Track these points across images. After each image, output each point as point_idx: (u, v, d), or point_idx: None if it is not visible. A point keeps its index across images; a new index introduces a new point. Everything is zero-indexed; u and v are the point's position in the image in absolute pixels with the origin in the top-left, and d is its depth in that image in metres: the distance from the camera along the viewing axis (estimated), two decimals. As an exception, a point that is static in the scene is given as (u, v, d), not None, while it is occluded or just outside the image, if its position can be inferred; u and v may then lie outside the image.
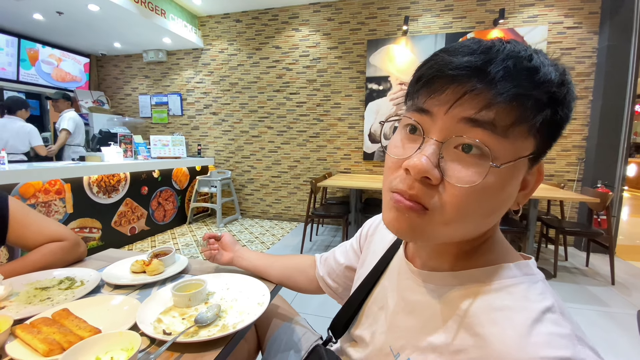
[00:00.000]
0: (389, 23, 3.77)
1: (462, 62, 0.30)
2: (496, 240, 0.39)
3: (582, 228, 2.64)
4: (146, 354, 0.56)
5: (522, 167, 0.33)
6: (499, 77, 0.29)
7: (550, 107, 0.30)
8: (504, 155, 0.30)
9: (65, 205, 2.57)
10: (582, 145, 3.37)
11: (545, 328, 0.30)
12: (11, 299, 0.71)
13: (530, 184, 0.35)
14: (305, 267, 0.79)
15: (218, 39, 4.42)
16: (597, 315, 2.01)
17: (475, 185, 0.30)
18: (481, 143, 0.30)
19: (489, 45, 0.31)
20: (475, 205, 0.32)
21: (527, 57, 0.30)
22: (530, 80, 0.29)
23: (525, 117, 0.30)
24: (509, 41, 0.32)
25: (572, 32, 3.28)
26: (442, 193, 0.32)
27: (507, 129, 0.30)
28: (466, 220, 0.33)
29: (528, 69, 0.29)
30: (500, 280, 0.35)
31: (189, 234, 3.70)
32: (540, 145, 0.32)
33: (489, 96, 0.29)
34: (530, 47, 0.32)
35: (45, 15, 3.54)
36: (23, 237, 0.87)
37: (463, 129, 0.31)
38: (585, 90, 3.30)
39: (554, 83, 0.30)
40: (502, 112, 0.30)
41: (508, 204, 0.34)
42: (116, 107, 5.10)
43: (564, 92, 0.31)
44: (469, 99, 0.30)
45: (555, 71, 0.31)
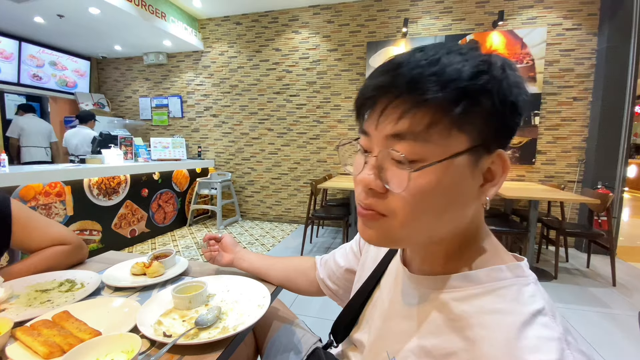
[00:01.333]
0: (388, 25, 3.79)
1: (377, 83, 0.34)
2: (483, 241, 0.39)
3: (582, 229, 2.64)
4: (146, 356, 0.56)
5: (465, 162, 0.33)
6: (405, 90, 0.32)
7: (467, 100, 0.31)
8: (431, 156, 0.32)
9: (65, 208, 2.58)
10: (582, 147, 3.37)
11: (534, 332, 0.30)
12: (11, 302, 0.71)
13: (496, 174, 0.35)
14: (306, 269, 0.78)
15: (218, 41, 4.44)
16: (598, 316, 2.01)
17: (407, 189, 0.33)
18: (401, 152, 0.33)
19: (400, 60, 0.34)
20: (420, 205, 0.34)
21: (434, 61, 0.32)
22: (435, 83, 0.31)
23: (437, 117, 0.31)
24: (422, 48, 0.34)
25: (571, 34, 3.29)
26: (390, 199, 0.35)
27: (425, 132, 0.32)
28: (419, 221, 0.35)
29: (433, 73, 0.31)
30: (491, 282, 0.35)
31: (189, 236, 3.70)
32: (480, 137, 0.33)
33: (402, 108, 0.32)
34: (445, 48, 0.33)
35: (46, 18, 3.56)
36: (27, 241, 0.87)
37: (390, 143, 0.34)
38: (585, 91, 3.30)
39: (464, 78, 0.31)
40: (415, 119, 0.32)
41: (464, 200, 0.35)
42: (117, 110, 5.11)
43: (480, 82, 0.31)
44: (388, 115, 0.33)
45: (469, 65, 0.31)
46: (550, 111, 3.40)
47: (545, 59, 3.33)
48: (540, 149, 3.46)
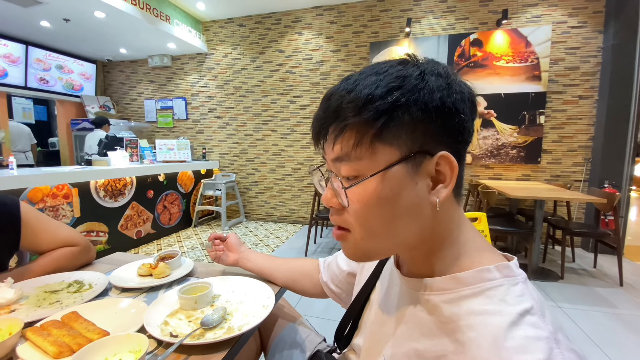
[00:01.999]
0: (391, 25, 3.78)
1: (315, 116, 0.39)
2: (467, 241, 0.39)
3: (589, 229, 2.61)
4: (153, 356, 0.56)
5: (401, 170, 0.35)
6: (333, 119, 0.36)
7: (383, 117, 0.33)
8: (367, 172, 0.36)
9: (72, 209, 2.61)
10: (588, 145, 3.34)
11: (521, 332, 0.30)
12: (21, 302, 0.72)
13: (446, 176, 0.36)
14: (310, 271, 0.79)
15: (222, 43, 4.47)
16: (605, 317, 1.99)
17: (351, 204, 0.37)
18: (338, 174, 0.38)
19: (330, 92, 0.38)
20: (368, 216, 0.37)
21: (351, 89, 0.35)
22: (352, 109, 0.34)
23: (359, 137, 0.35)
24: (350, 77, 0.38)
25: (576, 32, 3.26)
26: (345, 215, 0.39)
27: (354, 152, 0.35)
28: (372, 231, 0.38)
29: (350, 101, 0.35)
30: (480, 283, 0.35)
31: (195, 237, 3.72)
32: (410, 145, 0.35)
33: (333, 135, 0.37)
34: (367, 72, 0.36)
35: (52, 22, 3.60)
36: (35, 242, 0.88)
37: (336, 166, 0.38)
38: (591, 89, 3.27)
39: (376, 98, 0.34)
40: (343, 143, 0.36)
41: (410, 205, 0.36)
42: (122, 112, 5.16)
43: (391, 99, 0.33)
44: (328, 142, 0.38)
45: (382, 86, 0.34)
46: (555, 110, 3.37)
47: (550, 57, 3.30)
48: (546, 148, 3.43)
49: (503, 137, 3.49)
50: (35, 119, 5.33)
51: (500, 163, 3.55)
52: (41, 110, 5.57)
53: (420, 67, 0.36)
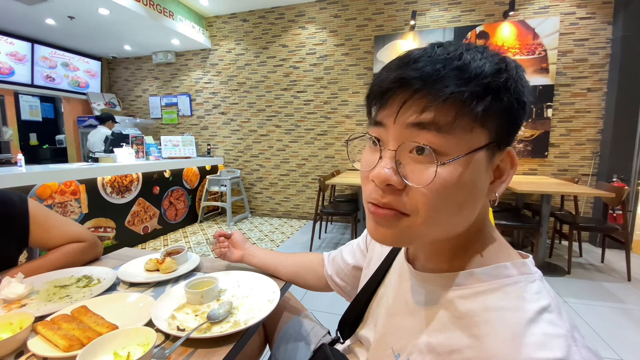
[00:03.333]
0: (396, 18, 3.74)
1: (396, 75, 0.33)
2: (489, 238, 0.39)
3: (597, 223, 2.58)
4: (161, 349, 0.57)
5: (483, 158, 0.33)
6: (431, 81, 0.32)
7: (490, 96, 0.32)
8: (454, 150, 0.32)
9: (80, 206, 2.64)
10: (596, 139, 3.29)
11: (539, 329, 0.30)
12: (32, 297, 0.74)
13: (505, 171, 0.36)
14: (314, 265, 0.79)
15: (225, 39, 4.46)
16: (612, 312, 1.97)
17: (431, 183, 0.32)
18: (425, 143, 0.32)
19: (419, 53, 0.34)
20: (441, 201, 0.33)
21: (456, 56, 0.32)
22: (460, 77, 0.31)
23: (463, 111, 0.32)
24: (441, 44, 0.35)
25: (585, 23, 3.20)
26: (410, 196, 0.34)
27: (450, 125, 0.32)
28: (439, 217, 0.34)
29: (457, 68, 0.32)
30: (497, 280, 0.35)
31: (200, 232, 3.76)
32: (496, 133, 0.33)
33: (426, 100, 0.32)
34: (464, 46, 0.34)
35: (57, 20, 3.62)
36: (44, 239, 0.90)
37: (411, 134, 0.33)
38: (600, 82, 3.21)
39: (486, 74, 0.31)
40: (441, 111, 0.32)
41: (478, 195, 0.35)
42: (127, 109, 5.20)
43: (501, 79, 0.32)
44: (411, 106, 0.33)
45: (489, 63, 0.32)
46: (563, 103, 3.32)
47: (558, 49, 3.25)
48: (554, 141, 3.39)
49: (509, 131, 3.44)
50: (42, 117, 5.39)
51: (506, 157, 3.51)
52: (48, 108, 5.62)
53: (512, 59, 0.35)
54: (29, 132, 5.24)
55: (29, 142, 5.24)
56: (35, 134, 5.35)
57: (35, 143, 5.32)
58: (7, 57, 3.99)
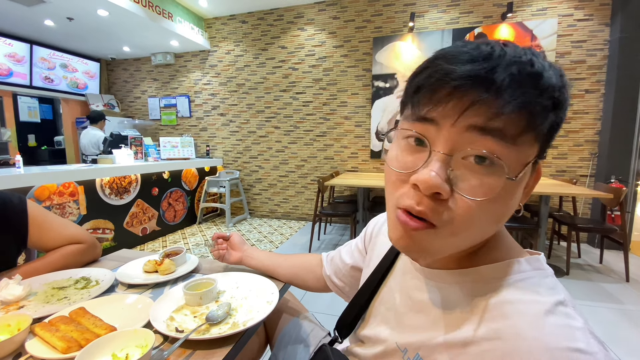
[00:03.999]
0: (394, 20, 3.75)
1: (465, 71, 0.29)
2: (501, 236, 0.39)
3: (595, 224, 2.59)
4: (160, 350, 0.57)
5: (528, 171, 0.33)
6: (505, 85, 0.28)
7: (554, 112, 0.30)
8: (514, 163, 0.30)
9: (79, 207, 2.64)
10: (594, 140, 3.30)
11: (558, 320, 0.30)
12: (30, 299, 0.73)
13: (530, 182, 0.35)
14: (313, 266, 0.79)
15: (224, 40, 4.46)
16: (611, 312, 1.97)
17: (489, 196, 0.30)
18: (490, 153, 0.29)
19: (489, 50, 0.30)
20: (485, 215, 0.32)
21: (528, 61, 0.29)
22: (536, 87, 0.29)
23: (533, 124, 0.30)
24: (506, 44, 0.31)
25: (582, 25, 3.21)
26: (452, 207, 0.31)
27: (516, 137, 0.30)
28: (474, 230, 0.33)
29: (532, 75, 0.29)
30: (511, 275, 0.34)
31: (199, 233, 3.75)
32: (542, 148, 0.33)
33: (496, 105, 0.29)
34: (528, 50, 0.31)
35: (56, 21, 3.62)
36: (43, 240, 0.89)
37: (471, 138, 0.30)
38: (598, 83, 3.23)
39: (556, 87, 0.30)
40: (511, 120, 0.29)
41: (515, 207, 0.35)
42: (126, 110, 5.19)
43: (564, 95, 0.30)
44: (476, 108, 0.29)
45: (555, 75, 0.30)
46: (561, 104, 3.33)
47: (556, 50, 3.26)
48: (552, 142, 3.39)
49: (508, 132, 3.45)
50: (41, 118, 5.38)
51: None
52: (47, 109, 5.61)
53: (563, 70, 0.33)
54: (27, 134, 5.23)
55: (28, 144, 5.22)
56: (34, 135, 5.34)
57: (34, 144, 5.31)
58: (6, 58, 3.98)
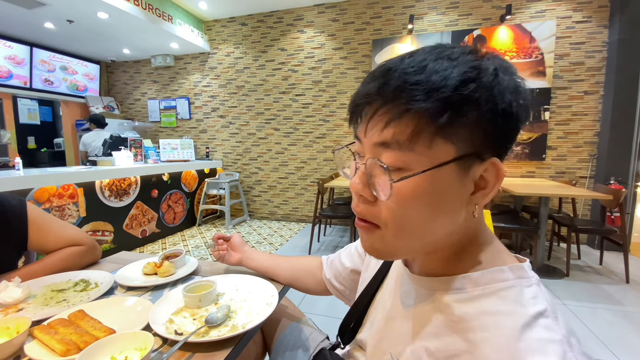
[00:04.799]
0: (394, 22, 3.76)
1: (366, 91, 0.34)
2: (485, 243, 0.39)
3: (595, 226, 2.59)
4: (159, 353, 0.57)
5: (452, 171, 0.33)
6: (390, 98, 0.32)
7: (452, 110, 0.30)
8: (416, 166, 0.32)
9: (78, 209, 2.63)
10: (594, 141, 3.31)
11: (535, 334, 0.29)
12: (29, 301, 0.73)
13: (489, 183, 0.34)
14: (313, 269, 0.79)
15: (224, 42, 4.47)
16: (611, 314, 1.97)
17: (391, 198, 0.33)
18: (384, 162, 0.33)
19: (388, 66, 0.33)
20: (406, 214, 0.34)
21: (420, 68, 0.31)
22: (419, 92, 0.30)
23: (421, 127, 0.31)
24: (413, 53, 0.34)
25: (581, 27, 3.23)
26: (380, 208, 0.35)
27: (409, 142, 0.32)
28: (408, 229, 0.35)
29: (417, 82, 0.31)
30: (493, 283, 0.34)
31: (199, 235, 3.74)
32: (468, 145, 0.32)
33: (387, 117, 0.33)
34: (436, 53, 0.33)
35: (56, 23, 3.63)
36: (42, 242, 0.89)
37: (378, 151, 0.34)
38: (597, 85, 3.24)
39: (448, 87, 0.30)
40: (399, 128, 0.32)
41: (451, 208, 0.35)
42: (126, 112, 5.19)
43: (466, 90, 0.30)
44: (376, 123, 0.34)
45: (456, 73, 0.30)
46: (560, 106, 3.34)
47: (555, 52, 3.27)
48: (551, 144, 3.40)
49: (507, 134, 3.46)
50: (41, 120, 5.37)
51: (504, 160, 3.52)
52: (46, 111, 5.61)
53: (493, 60, 0.33)
54: (27, 136, 5.22)
55: (27, 146, 5.22)
56: (34, 138, 5.33)
57: (34, 146, 5.30)
58: (6, 60, 3.99)
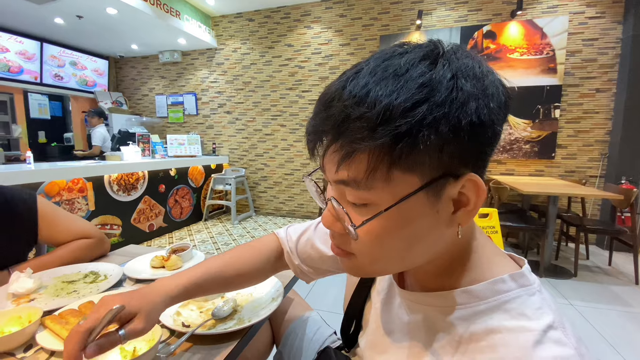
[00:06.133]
0: (402, 18, 3.73)
1: (313, 125, 0.32)
2: (478, 252, 0.36)
3: (604, 226, 2.55)
4: (166, 344, 0.58)
5: (421, 199, 0.30)
6: (332, 136, 0.30)
7: (405, 139, 0.27)
8: (381, 201, 0.30)
9: (87, 203, 2.67)
10: (605, 140, 3.25)
11: (548, 351, 0.28)
12: (40, 292, 0.75)
13: (470, 199, 0.31)
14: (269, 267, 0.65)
15: (231, 38, 4.47)
16: (620, 315, 1.94)
17: (361, 238, 0.32)
18: (340, 206, 0.32)
19: (330, 96, 0.30)
20: (383, 248, 0.33)
21: (361, 98, 0.27)
22: (363, 128, 0.27)
23: (374, 164, 0.28)
24: (355, 76, 0.29)
25: (594, 22, 3.16)
26: (354, 241, 0.33)
27: (366, 180, 0.29)
28: (386, 259, 0.34)
29: (359, 117, 0.27)
30: (495, 296, 0.33)
31: (205, 230, 3.78)
32: (434, 171, 0.29)
33: (337, 157, 0.30)
34: (378, 74, 0.28)
35: (65, 19, 3.66)
36: (53, 235, 0.91)
37: (340, 188, 0.32)
38: (609, 82, 3.17)
39: (394, 117, 0.26)
40: (352, 168, 0.29)
41: (427, 233, 0.32)
42: (134, 108, 5.24)
43: (417, 117, 0.26)
44: (329, 160, 0.31)
45: (402, 97, 0.26)
46: (571, 103, 3.28)
47: (566, 49, 3.21)
48: (561, 142, 3.35)
49: (516, 132, 3.42)
50: (51, 115, 5.45)
51: (512, 158, 3.48)
52: (56, 106, 5.68)
53: (451, 63, 0.28)
54: (37, 130, 5.31)
55: (38, 140, 5.30)
56: (44, 132, 5.42)
57: (44, 141, 5.39)
58: (17, 55, 4.05)
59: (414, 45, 0.31)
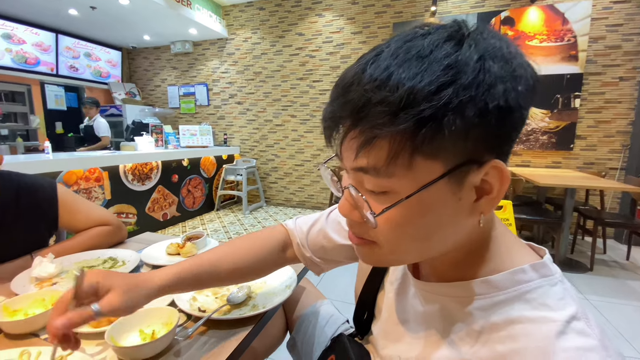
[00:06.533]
0: (415, 4, 3.63)
1: (331, 110, 0.31)
2: (498, 242, 0.36)
3: (623, 219, 2.48)
4: (184, 328, 0.60)
5: (444, 186, 0.29)
6: (355, 120, 0.28)
7: (427, 126, 0.26)
8: (401, 189, 0.29)
9: (104, 192, 2.74)
10: (627, 131, 3.13)
11: (571, 342, 0.27)
12: (62, 276, 0.78)
13: (494, 187, 0.30)
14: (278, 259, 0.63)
15: (242, 27, 4.45)
16: (636, 310, 1.90)
17: (380, 225, 0.31)
18: (359, 193, 0.31)
19: (349, 80, 0.29)
20: (403, 236, 0.32)
21: (382, 82, 0.26)
22: (385, 113, 0.26)
23: (395, 150, 0.27)
24: (375, 59, 0.28)
25: (619, 7, 3.01)
26: (373, 230, 0.33)
27: (387, 167, 0.28)
28: (406, 248, 0.33)
29: (380, 101, 0.26)
30: (515, 287, 0.32)
31: (217, 220, 3.84)
32: (457, 157, 0.28)
33: (356, 143, 0.29)
34: (402, 54, 0.27)
35: (79, 10, 3.70)
36: (72, 222, 0.94)
37: (358, 176, 0.32)
38: (634, 70, 3.03)
39: (418, 101, 0.25)
40: (371, 155, 0.29)
41: (448, 221, 0.32)
42: (147, 98, 5.30)
43: (442, 101, 0.25)
44: (348, 147, 0.31)
45: (427, 80, 0.25)
46: (592, 93, 3.16)
47: (589, 35, 3.07)
48: (580, 133, 3.24)
49: (533, 122, 3.32)
50: (67, 106, 5.57)
51: (529, 149, 3.39)
52: (72, 97, 5.79)
53: (478, 44, 0.27)
54: (54, 121, 5.43)
55: (55, 131, 5.43)
56: (61, 123, 5.54)
57: (61, 131, 5.51)
58: (33, 47, 4.12)
59: (437, 26, 0.29)
